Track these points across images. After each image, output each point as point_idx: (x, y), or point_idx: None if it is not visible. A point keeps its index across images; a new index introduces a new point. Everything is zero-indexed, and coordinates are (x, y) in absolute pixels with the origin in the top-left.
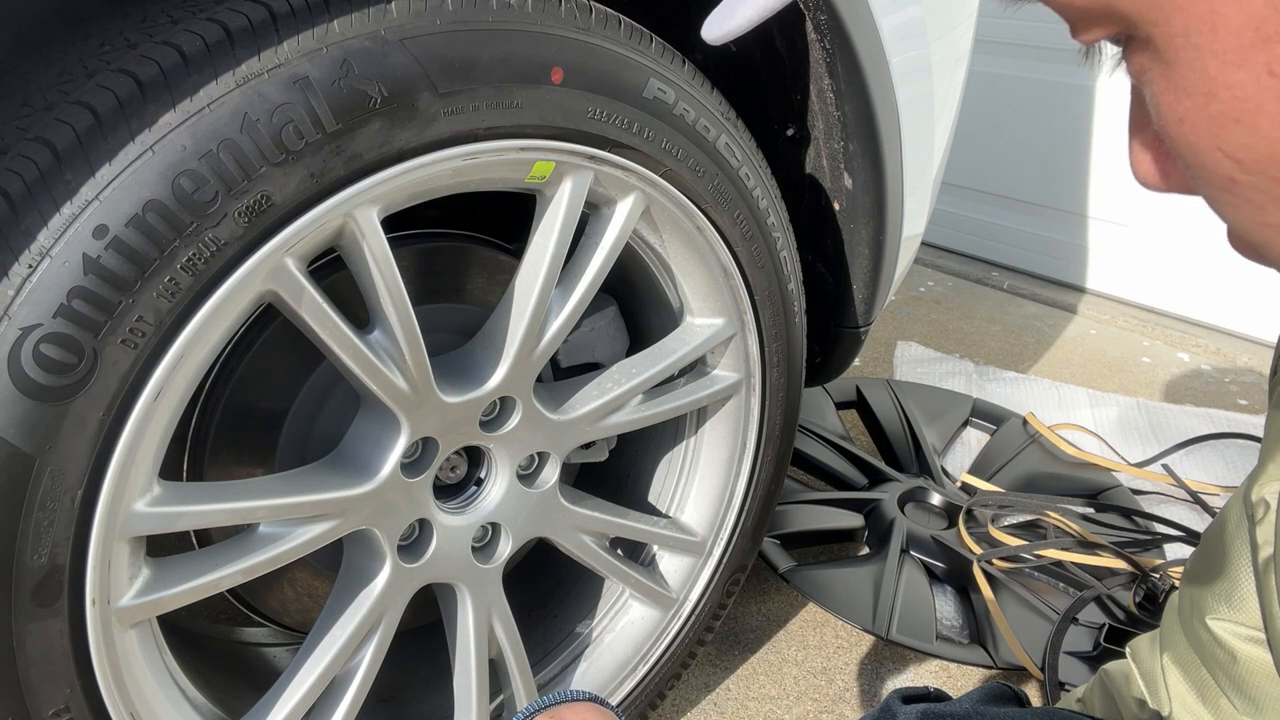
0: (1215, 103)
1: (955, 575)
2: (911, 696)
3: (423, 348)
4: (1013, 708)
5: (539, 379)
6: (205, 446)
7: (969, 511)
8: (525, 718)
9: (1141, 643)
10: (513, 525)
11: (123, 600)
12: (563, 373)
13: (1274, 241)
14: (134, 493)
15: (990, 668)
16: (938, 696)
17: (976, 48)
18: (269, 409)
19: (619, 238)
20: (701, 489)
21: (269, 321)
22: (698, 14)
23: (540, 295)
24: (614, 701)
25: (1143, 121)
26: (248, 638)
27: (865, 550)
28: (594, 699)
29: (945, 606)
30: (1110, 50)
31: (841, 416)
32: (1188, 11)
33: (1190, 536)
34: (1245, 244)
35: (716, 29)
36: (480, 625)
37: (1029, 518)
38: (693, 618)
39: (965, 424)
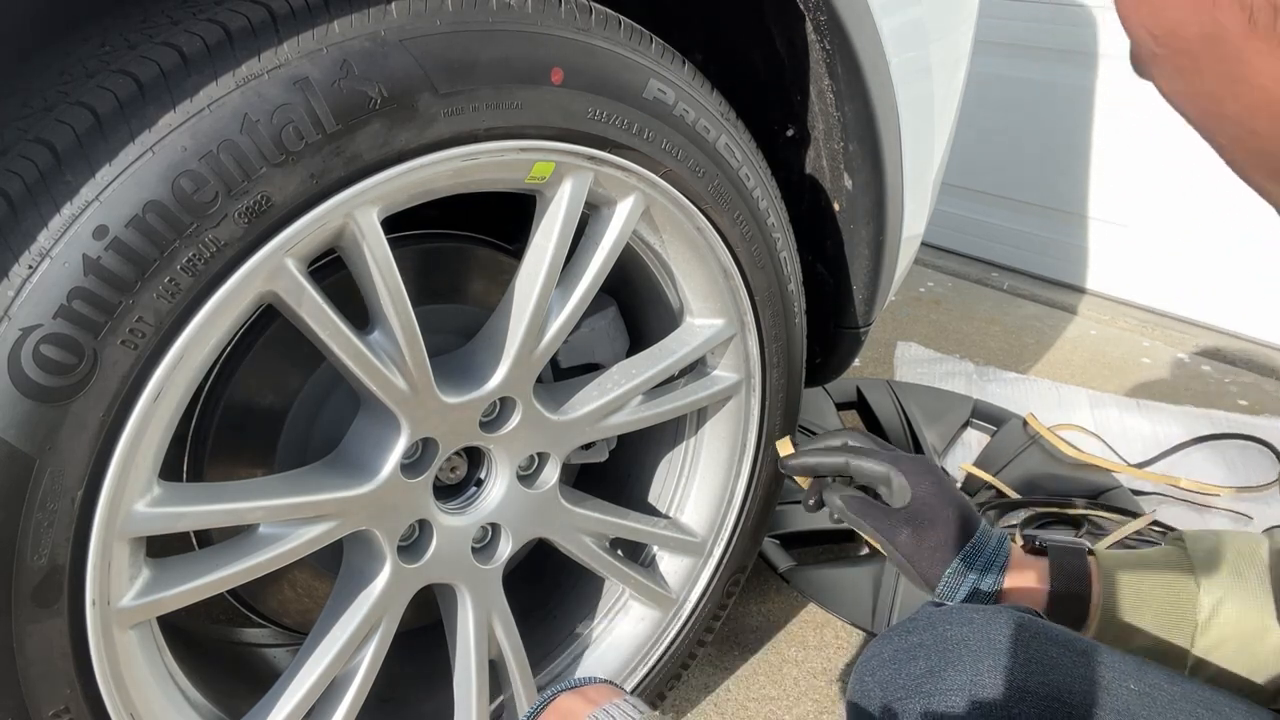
0: None
1: None
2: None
3: (423, 348)
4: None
5: (539, 379)
6: (205, 447)
7: None
8: (552, 697)
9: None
10: (513, 526)
11: (123, 601)
12: (563, 373)
13: (1188, 113)
14: (134, 493)
15: None
16: None
17: (977, 48)
18: (269, 409)
19: (619, 238)
20: (701, 489)
21: (269, 322)
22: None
23: (540, 296)
24: None
25: None
26: (248, 638)
27: (865, 550)
28: (610, 682)
29: None
30: None
31: (841, 417)
32: None
33: None
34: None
35: None
36: (480, 626)
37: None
38: (693, 618)
39: (965, 424)
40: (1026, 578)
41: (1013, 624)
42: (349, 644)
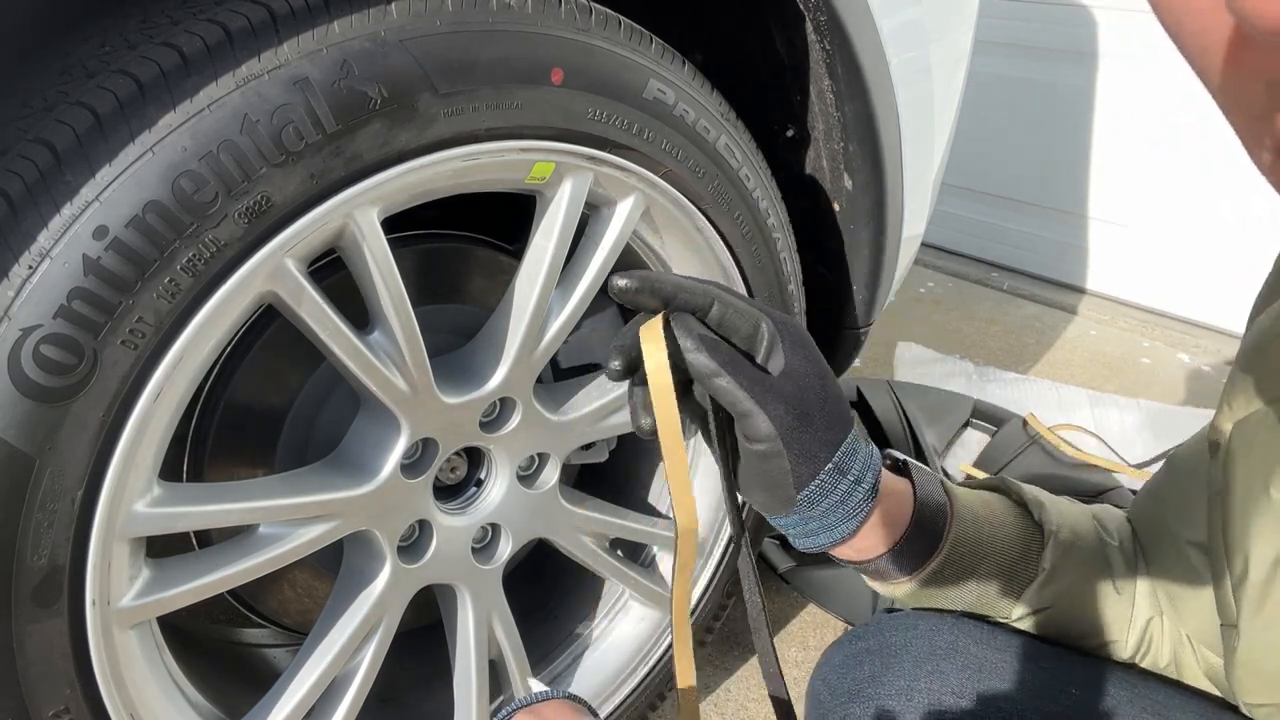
0: None
1: None
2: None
3: (423, 348)
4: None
5: (539, 380)
6: (205, 447)
7: None
8: (507, 716)
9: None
10: (513, 526)
11: (123, 601)
12: (563, 373)
13: None
14: (134, 494)
15: None
16: None
17: (977, 49)
18: (269, 409)
19: (619, 238)
20: (702, 490)
21: (269, 322)
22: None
23: (540, 296)
24: (614, 703)
25: None
26: (248, 638)
27: None
28: (570, 697)
29: None
30: None
31: None
32: None
33: None
34: None
35: None
36: (480, 626)
37: None
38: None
39: (966, 425)
40: (895, 490)
41: (955, 630)
42: (349, 644)
